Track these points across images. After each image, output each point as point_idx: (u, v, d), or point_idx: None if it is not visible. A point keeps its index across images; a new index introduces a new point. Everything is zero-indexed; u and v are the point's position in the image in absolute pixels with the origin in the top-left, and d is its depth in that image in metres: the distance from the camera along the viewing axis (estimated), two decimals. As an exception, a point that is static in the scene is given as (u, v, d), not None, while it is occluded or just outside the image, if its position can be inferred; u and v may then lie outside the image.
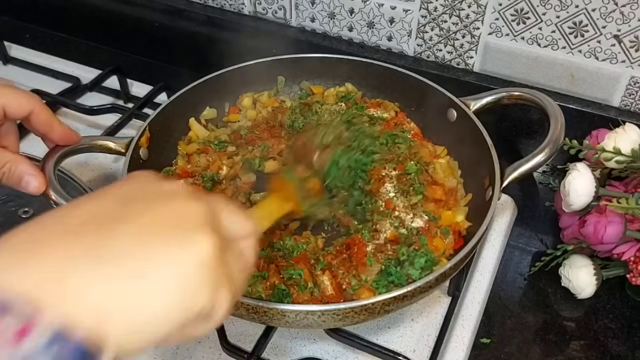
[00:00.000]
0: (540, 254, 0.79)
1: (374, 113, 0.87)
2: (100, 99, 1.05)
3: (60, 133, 0.67)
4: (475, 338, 0.73)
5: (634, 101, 0.86)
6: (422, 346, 0.71)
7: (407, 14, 0.93)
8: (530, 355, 0.71)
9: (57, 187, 0.65)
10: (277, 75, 0.92)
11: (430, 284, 0.61)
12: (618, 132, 0.77)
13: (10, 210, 0.78)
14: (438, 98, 0.83)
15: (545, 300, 0.77)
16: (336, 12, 0.98)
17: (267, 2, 1.02)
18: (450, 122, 0.82)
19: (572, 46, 0.85)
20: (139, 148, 0.76)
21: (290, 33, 1.02)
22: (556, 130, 0.72)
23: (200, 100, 0.88)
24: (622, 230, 0.71)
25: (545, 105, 0.75)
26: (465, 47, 0.92)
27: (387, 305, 0.60)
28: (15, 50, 1.17)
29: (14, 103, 0.63)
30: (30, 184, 0.62)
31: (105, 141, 0.75)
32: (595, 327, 0.74)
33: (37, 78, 1.09)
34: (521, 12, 0.85)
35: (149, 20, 1.11)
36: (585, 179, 0.72)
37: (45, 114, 0.65)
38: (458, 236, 0.73)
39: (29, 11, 1.24)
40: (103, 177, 0.91)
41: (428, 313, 0.74)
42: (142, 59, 1.15)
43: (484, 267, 0.80)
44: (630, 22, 0.80)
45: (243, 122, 0.88)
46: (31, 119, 0.64)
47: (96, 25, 1.17)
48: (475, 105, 0.80)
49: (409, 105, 0.88)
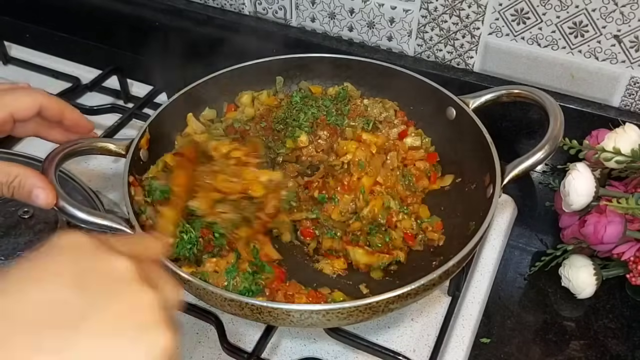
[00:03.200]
0: (540, 254, 0.79)
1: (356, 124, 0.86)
2: (100, 99, 1.05)
3: (71, 121, 0.68)
4: (475, 338, 0.73)
5: (634, 101, 0.86)
6: (422, 346, 0.71)
7: (407, 14, 0.93)
8: (530, 355, 0.71)
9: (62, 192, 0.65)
10: (277, 75, 0.92)
11: (433, 282, 0.62)
12: (618, 132, 0.77)
13: (10, 211, 0.78)
14: (437, 96, 0.83)
15: (545, 300, 0.78)
16: (336, 12, 0.98)
17: (268, 2, 1.02)
18: (449, 120, 0.82)
19: (572, 46, 0.85)
20: (139, 149, 0.76)
21: (290, 33, 1.02)
22: (555, 128, 0.71)
23: (200, 101, 0.88)
24: (622, 230, 0.71)
25: (544, 102, 0.75)
26: (466, 47, 0.92)
27: (392, 303, 0.60)
28: (15, 50, 1.17)
29: (20, 107, 0.64)
30: (39, 197, 0.62)
31: (105, 143, 0.75)
32: (595, 327, 0.74)
33: (37, 78, 1.09)
34: (521, 12, 0.85)
35: (149, 20, 1.11)
36: (585, 179, 0.72)
37: (55, 106, 0.66)
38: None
39: (29, 11, 1.24)
40: (103, 176, 0.91)
41: (428, 313, 0.74)
42: (142, 59, 1.15)
43: (484, 267, 0.80)
44: (630, 22, 0.80)
45: (240, 116, 0.88)
46: (42, 114, 0.65)
47: (96, 25, 1.17)
48: (474, 103, 0.80)
49: (408, 104, 0.88)
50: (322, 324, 0.61)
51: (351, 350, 0.70)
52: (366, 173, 0.78)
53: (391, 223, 0.76)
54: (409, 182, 0.81)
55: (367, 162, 0.79)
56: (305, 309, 0.59)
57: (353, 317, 0.60)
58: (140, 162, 0.76)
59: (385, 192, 0.78)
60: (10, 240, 0.75)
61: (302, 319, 0.59)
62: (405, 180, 0.81)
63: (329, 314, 0.59)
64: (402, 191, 0.80)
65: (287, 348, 0.71)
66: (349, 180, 0.78)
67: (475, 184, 0.77)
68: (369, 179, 0.78)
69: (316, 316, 0.59)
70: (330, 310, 0.58)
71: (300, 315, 0.59)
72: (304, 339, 0.72)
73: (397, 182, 0.79)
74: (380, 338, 0.72)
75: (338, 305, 0.58)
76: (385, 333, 0.72)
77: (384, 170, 0.80)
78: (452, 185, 0.82)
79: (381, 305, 0.59)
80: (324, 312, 0.58)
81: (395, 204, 0.77)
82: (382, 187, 0.78)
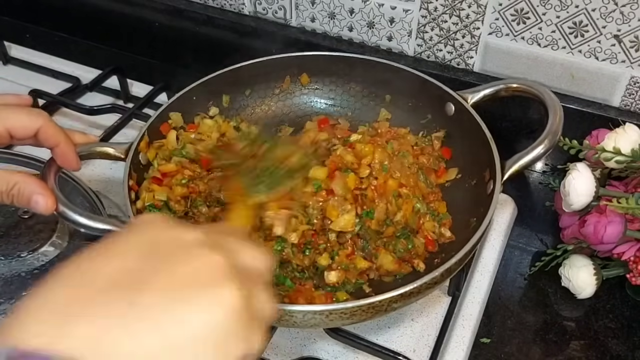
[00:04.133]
0: (540, 254, 0.79)
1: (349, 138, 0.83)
2: (100, 99, 1.05)
3: (62, 155, 0.67)
4: (475, 338, 0.73)
5: (634, 101, 0.86)
6: (422, 346, 0.71)
7: (407, 14, 0.93)
8: (530, 355, 0.71)
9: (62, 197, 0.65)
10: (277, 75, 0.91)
11: (436, 280, 0.61)
12: (618, 132, 0.77)
13: (10, 210, 0.78)
14: (435, 92, 0.82)
15: (545, 300, 0.78)
16: (336, 12, 0.98)
17: (267, 2, 1.02)
18: (448, 116, 0.82)
19: (572, 46, 0.85)
20: (138, 153, 0.75)
21: (290, 33, 1.02)
22: (555, 122, 0.71)
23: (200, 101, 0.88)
24: (622, 230, 0.71)
25: (543, 97, 0.74)
26: (466, 47, 0.92)
27: (395, 302, 0.60)
28: (15, 50, 1.17)
29: (17, 125, 0.63)
30: (39, 203, 0.62)
31: (104, 147, 0.74)
32: (595, 327, 0.74)
33: (37, 78, 1.09)
34: (521, 12, 0.85)
35: (149, 20, 1.11)
36: (585, 179, 0.72)
37: (52, 133, 0.65)
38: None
39: (29, 11, 1.24)
40: (103, 176, 0.91)
41: (428, 313, 0.74)
42: (142, 59, 1.15)
43: (484, 267, 0.80)
44: (630, 22, 0.80)
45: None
46: (39, 137, 0.65)
47: (96, 25, 1.17)
48: (473, 98, 0.79)
49: (406, 100, 0.87)
50: (324, 324, 0.60)
51: (351, 350, 0.70)
52: (391, 175, 0.76)
53: (419, 226, 0.75)
54: (425, 178, 0.79)
55: (389, 163, 0.77)
56: (308, 310, 0.58)
57: (356, 316, 0.60)
58: (140, 165, 0.76)
59: (411, 195, 0.76)
60: (10, 240, 0.75)
61: (305, 319, 0.59)
62: (422, 177, 0.79)
63: (332, 314, 0.58)
64: (424, 188, 0.78)
65: (287, 348, 0.71)
66: (377, 185, 0.76)
67: (475, 180, 0.77)
68: (394, 181, 0.76)
69: (319, 316, 0.59)
70: (333, 311, 0.58)
71: (303, 315, 0.58)
72: (303, 339, 0.72)
73: (418, 181, 0.78)
74: (380, 338, 0.72)
75: (341, 306, 0.58)
76: (385, 333, 0.72)
77: (403, 170, 0.78)
78: (452, 181, 0.81)
79: (384, 304, 0.59)
80: (327, 312, 0.58)
81: (422, 206, 0.76)
82: (406, 188, 0.76)
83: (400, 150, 0.81)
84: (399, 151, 0.80)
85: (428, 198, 0.78)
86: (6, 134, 0.63)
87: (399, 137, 0.84)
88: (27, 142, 0.67)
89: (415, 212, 0.75)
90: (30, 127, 0.64)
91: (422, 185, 0.79)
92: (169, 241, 0.38)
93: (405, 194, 0.76)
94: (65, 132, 0.67)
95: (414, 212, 0.75)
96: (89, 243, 0.76)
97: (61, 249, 0.75)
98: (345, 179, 0.74)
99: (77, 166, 0.69)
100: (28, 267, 0.73)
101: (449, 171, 0.82)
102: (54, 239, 0.76)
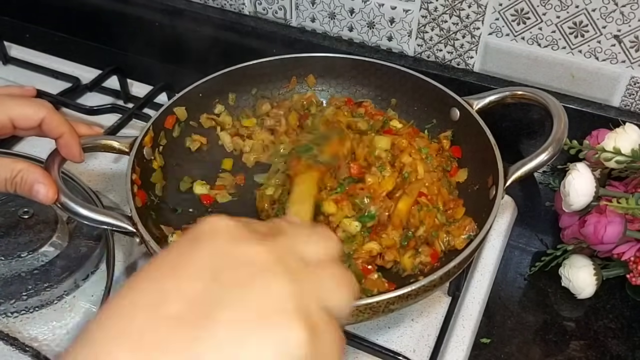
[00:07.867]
0: (540, 254, 0.79)
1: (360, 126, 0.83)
2: (100, 99, 1.05)
3: (64, 146, 0.67)
4: (475, 338, 0.73)
5: (634, 101, 0.86)
6: (422, 346, 0.71)
7: (407, 14, 0.93)
8: (530, 355, 0.71)
9: (64, 189, 0.65)
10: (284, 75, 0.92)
11: (434, 283, 0.62)
12: (618, 132, 0.77)
13: (10, 211, 0.78)
14: (441, 97, 0.83)
15: (545, 300, 0.77)
16: (336, 12, 0.98)
17: (267, 2, 1.02)
18: (453, 121, 0.82)
19: (572, 46, 0.85)
20: (142, 147, 0.76)
21: (290, 33, 1.02)
22: (559, 130, 0.71)
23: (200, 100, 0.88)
24: (622, 230, 0.71)
25: (548, 104, 0.75)
26: (466, 47, 0.92)
27: (392, 303, 0.60)
28: (15, 50, 1.17)
29: (21, 116, 0.63)
30: (40, 192, 0.62)
31: (109, 140, 0.75)
32: (595, 327, 0.74)
33: (37, 78, 1.09)
34: (521, 12, 0.85)
35: (149, 20, 1.11)
36: (585, 179, 0.72)
37: (55, 125, 0.65)
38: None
39: (29, 11, 1.24)
40: (103, 177, 0.91)
41: (428, 313, 0.74)
42: (142, 59, 1.15)
43: (484, 267, 0.80)
44: (630, 22, 0.80)
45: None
46: (43, 128, 0.65)
47: (96, 25, 1.17)
48: (478, 104, 0.80)
49: (412, 104, 0.88)
50: None
51: (351, 350, 0.70)
52: (416, 178, 0.75)
53: (433, 241, 0.73)
54: (448, 182, 0.77)
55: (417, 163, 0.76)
56: None
57: (353, 317, 0.60)
58: (144, 160, 0.76)
59: (431, 205, 0.74)
60: (10, 240, 0.75)
61: None
62: (445, 180, 0.77)
63: None
64: (445, 194, 0.76)
65: (287, 348, 0.71)
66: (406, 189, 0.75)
67: (478, 185, 0.77)
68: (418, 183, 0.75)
69: None
70: None
71: None
72: (304, 339, 0.72)
73: (441, 186, 0.76)
74: (380, 338, 0.71)
75: None
76: (385, 333, 0.72)
77: (430, 175, 0.76)
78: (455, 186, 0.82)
79: (381, 305, 0.59)
80: None
81: (442, 217, 0.74)
82: (426, 197, 0.74)
83: (426, 152, 0.79)
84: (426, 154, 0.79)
85: (448, 205, 0.76)
86: (10, 124, 0.63)
87: (419, 137, 0.84)
88: (31, 133, 0.67)
89: (437, 227, 0.73)
90: (33, 118, 0.64)
91: (445, 191, 0.77)
92: (232, 262, 0.35)
93: (424, 203, 0.74)
94: (69, 123, 0.67)
95: (435, 227, 0.73)
96: (89, 243, 0.77)
97: (61, 249, 0.75)
98: (400, 202, 0.73)
99: (80, 158, 0.69)
100: (28, 267, 0.73)
101: (460, 171, 0.81)
102: (54, 239, 0.76)
